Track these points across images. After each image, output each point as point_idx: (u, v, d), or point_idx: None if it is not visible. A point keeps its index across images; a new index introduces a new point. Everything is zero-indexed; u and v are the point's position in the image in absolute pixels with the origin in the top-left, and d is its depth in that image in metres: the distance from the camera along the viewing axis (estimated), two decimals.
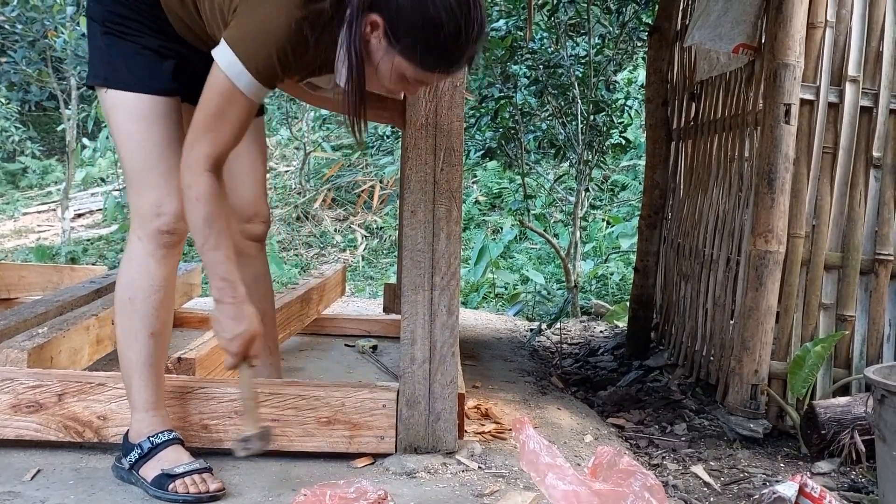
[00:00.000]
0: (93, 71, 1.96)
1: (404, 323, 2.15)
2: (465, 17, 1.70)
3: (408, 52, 1.72)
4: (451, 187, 2.12)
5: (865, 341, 2.94)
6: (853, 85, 2.89)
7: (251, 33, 1.75)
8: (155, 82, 1.93)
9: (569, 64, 5.85)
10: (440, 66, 1.75)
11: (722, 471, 2.58)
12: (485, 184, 9.61)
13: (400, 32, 1.70)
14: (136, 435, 1.95)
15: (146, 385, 1.96)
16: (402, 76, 1.78)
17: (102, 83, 1.92)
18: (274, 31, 1.73)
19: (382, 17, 1.70)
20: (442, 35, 1.69)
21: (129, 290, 1.95)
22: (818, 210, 2.92)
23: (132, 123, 1.91)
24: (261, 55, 1.74)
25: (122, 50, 1.92)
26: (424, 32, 1.69)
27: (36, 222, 10.72)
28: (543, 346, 4.58)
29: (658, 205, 4.21)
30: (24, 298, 3.56)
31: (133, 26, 1.92)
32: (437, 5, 1.67)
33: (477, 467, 2.13)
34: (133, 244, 1.95)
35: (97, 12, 1.93)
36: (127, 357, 1.96)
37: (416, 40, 1.70)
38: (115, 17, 1.91)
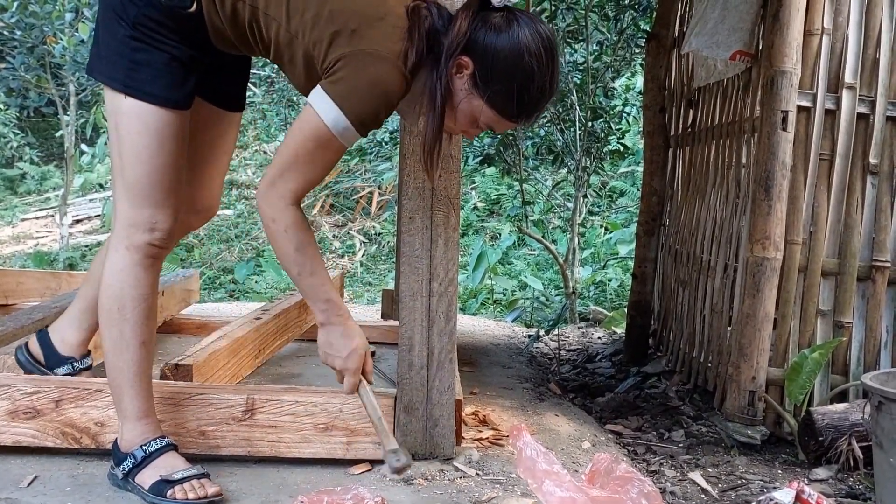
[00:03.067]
0: (107, 71, 1.86)
1: (402, 329, 2.16)
2: (552, 72, 1.76)
3: (493, 99, 1.77)
4: (449, 194, 2.12)
5: (863, 348, 2.94)
6: (850, 92, 2.90)
7: (361, 91, 1.75)
8: (177, 97, 1.87)
9: (567, 70, 5.87)
10: (520, 116, 1.81)
11: (720, 477, 2.58)
12: (483, 190, 9.62)
13: (490, 78, 1.75)
14: (128, 444, 1.94)
15: (137, 394, 1.95)
16: (476, 120, 1.83)
17: (121, 89, 1.84)
18: (383, 91, 1.76)
19: (473, 61, 1.75)
20: (532, 89, 1.76)
21: (118, 300, 1.91)
22: (815, 217, 2.93)
23: (144, 136, 1.85)
24: (368, 112, 1.77)
25: (149, 58, 1.84)
26: (515, 82, 1.75)
27: (34, 228, 10.71)
28: (541, 352, 4.58)
29: (656, 211, 4.21)
30: (22, 304, 3.56)
31: (164, 34, 1.83)
32: (532, 57, 1.73)
33: (474, 474, 2.13)
34: (119, 253, 1.91)
35: (129, 13, 1.81)
36: (117, 367, 1.94)
37: (505, 88, 1.75)
38: (149, 21, 1.82)
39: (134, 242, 1.91)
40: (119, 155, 1.89)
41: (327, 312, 1.91)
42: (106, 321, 1.94)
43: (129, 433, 1.94)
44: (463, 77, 1.78)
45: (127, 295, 1.92)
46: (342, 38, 1.75)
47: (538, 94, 1.79)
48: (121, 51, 1.84)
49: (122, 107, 1.85)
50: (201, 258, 8.82)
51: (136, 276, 1.92)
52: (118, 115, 1.86)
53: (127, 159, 1.88)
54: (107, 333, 1.94)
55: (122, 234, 1.91)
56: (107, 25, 1.86)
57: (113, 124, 1.89)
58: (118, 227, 1.92)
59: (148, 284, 1.94)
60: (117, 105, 1.86)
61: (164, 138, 1.87)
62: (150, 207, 1.90)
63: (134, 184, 1.88)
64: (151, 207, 1.90)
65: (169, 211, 1.93)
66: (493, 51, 1.74)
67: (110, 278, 1.92)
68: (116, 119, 1.87)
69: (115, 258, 1.92)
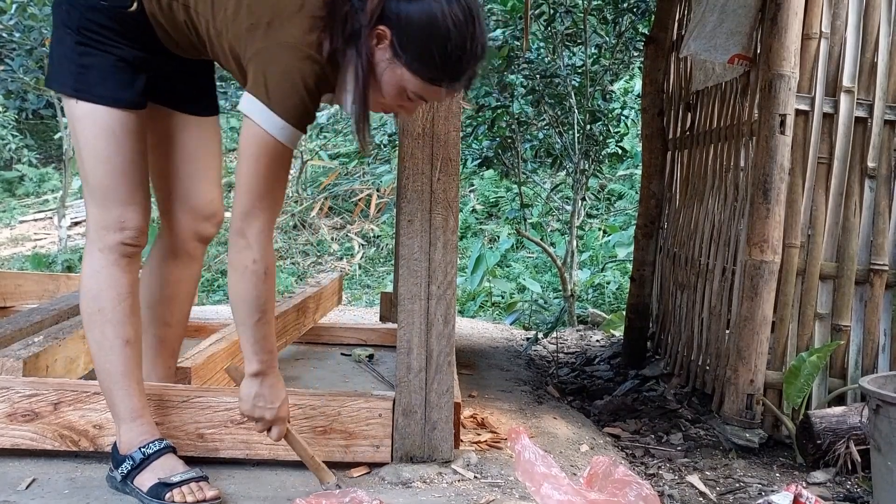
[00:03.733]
0: (59, 79, 1.90)
1: (401, 332, 2.16)
2: (471, 33, 1.73)
3: (413, 64, 1.74)
4: (448, 197, 2.12)
5: (861, 351, 2.94)
6: (848, 95, 2.91)
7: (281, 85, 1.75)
8: (127, 96, 1.89)
9: (565, 74, 5.88)
10: (443, 79, 1.77)
11: (718, 480, 2.58)
12: (482, 193, 9.63)
13: (407, 43, 1.72)
14: (127, 446, 1.94)
15: (129, 394, 1.95)
16: (403, 90, 1.79)
17: (72, 94, 1.87)
18: (300, 81, 1.75)
19: (390, 29, 1.72)
20: (448, 47, 1.71)
21: (97, 302, 1.92)
22: (813, 220, 2.93)
23: (100, 138, 1.88)
24: (295, 104, 1.76)
25: (95, 62, 1.87)
26: (431, 43, 1.71)
27: (32, 230, 10.71)
28: (540, 355, 4.58)
29: (654, 214, 4.22)
30: (20, 307, 3.56)
31: (110, 36, 1.86)
32: (446, 17, 1.69)
33: (473, 477, 2.13)
34: (93, 256, 1.92)
35: (72, 19, 1.85)
36: (105, 369, 1.94)
37: (423, 51, 1.72)
38: (93, 25, 1.85)
39: (106, 244, 1.92)
40: (81, 160, 1.92)
41: (268, 363, 1.92)
42: (88, 324, 1.94)
43: (127, 435, 1.94)
44: (383, 47, 1.75)
45: (105, 296, 1.92)
46: (258, 32, 1.76)
47: (458, 54, 1.73)
48: (70, 57, 1.87)
49: (76, 112, 1.88)
50: None
51: (113, 276, 1.93)
52: (74, 120, 1.89)
53: (88, 163, 1.90)
54: (90, 337, 1.94)
55: (94, 237, 1.93)
56: (57, 37, 1.90)
57: (72, 131, 1.92)
58: (90, 230, 1.94)
59: (125, 284, 1.94)
60: (72, 111, 1.89)
61: (120, 138, 1.89)
62: (117, 207, 1.91)
63: (98, 186, 1.91)
64: (118, 206, 1.91)
65: (136, 208, 1.94)
66: (407, 15, 1.71)
67: (88, 281, 1.93)
68: (73, 125, 1.90)
69: (90, 261, 1.93)
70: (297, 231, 9.65)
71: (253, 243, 1.80)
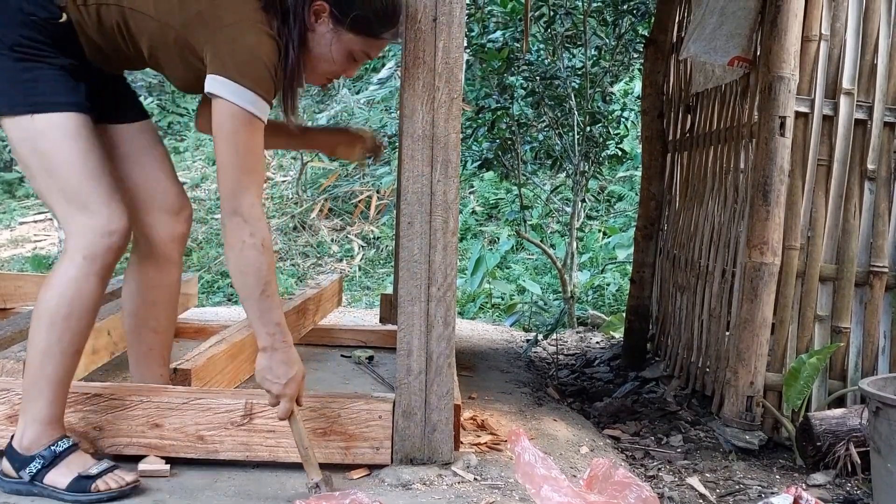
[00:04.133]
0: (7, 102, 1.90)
1: (401, 334, 2.16)
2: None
3: (357, 25, 1.97)
4: (448, 199, 2.13)
5: (860, 353, 2.94)
6: (848, 98, 2.91)
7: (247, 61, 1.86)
8: (80, 100, 1.93)
9: (565, 75, 5.88)
10: (385, 30, 2.02)
11: (717, 482, 2.58)
12: (481, 194, 9.63)
13: (347, 9, 1.95)
14: (33, 445, 1.92)
15: (55, 401, 1.94)
16: (350, 53, 2.01)
17: (27, 110, 1.87)
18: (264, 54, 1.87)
19: (326, 2, 1.94)
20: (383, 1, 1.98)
21: (65, 307, 1.90)
22: (813, 222, 2.93)
23: (69, 143, 1.89)
24: (262, 76, 1.86)
25: (41, 74, 1.90)
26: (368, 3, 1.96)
27: (32, 232, 10.70)
28: (540, 356, 4.58)
29: (654, 216, 4.22)
30: (20, 308, 3.56)
31: (45, 50, 1.90)
32: None
33: (473, 479, 2.13)
34: (73, 261, 1.91)
35: (6, 40, 1.87)
36: (44, 371, 1.92)
37: (363, 11, 1.96)
38: (27, 41, 1.88)
39: (92, 251, 1.90)
40: (48, 175, 1.90)
41: (275, 337, 1.93)
42: (47, 325, 1.91)
43: (34, 434, 1.92)
44: (323, 21, 1.95)
45: (77, 304, 1.91)
46: (208, 16, 1.88)
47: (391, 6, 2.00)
48: (13, 78, 1.88)
49: (34, 127, 1.88)
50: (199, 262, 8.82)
51: (90, 286, 1.92)
52: (33, 138, 1.88)
53: (61, 171, 1.89)
54: (42, 336, 1.91)
55: (79, 244, 1.91)
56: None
57: (28, 151, 1.90)
58: (75, 237, 1.91)
59: (98, 297, 1.96)
60: (27, 129, 1.88)
61: (87, 139, 1.91)
62: (103, 206, 1.91)
63: (77, 190, 1.90)
64: (104, 206, 1.91)
65: (121, 206, 1.95)
66: None
67: (62, 286, 1.91)
68: (32, 143, 1.89)
69: (70, 265, 1.91)
70: (296, 232, 9.65)
71: (247, 218, 1.85)
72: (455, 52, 2.09)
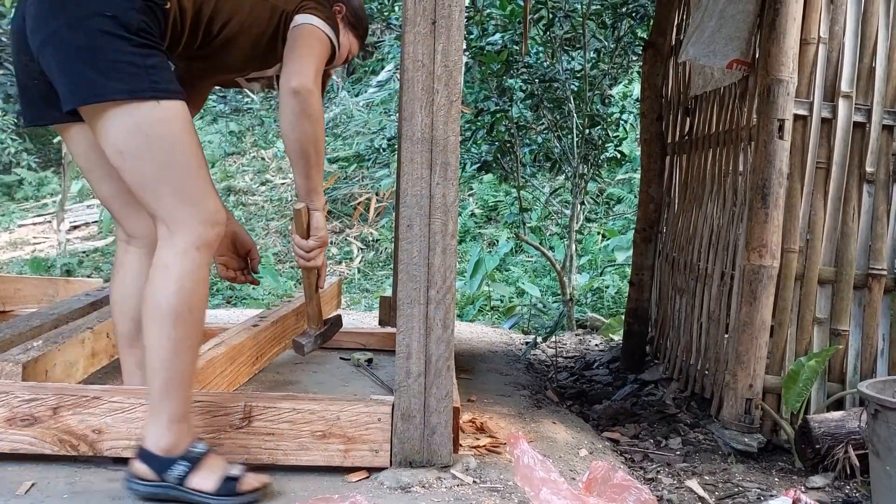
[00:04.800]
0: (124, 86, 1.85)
1: (400, 337, 2.16)
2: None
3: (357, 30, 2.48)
4: (447, 202, 2.13)
5: (859, 356, 2.95)
6: (846, 100, 2.91)
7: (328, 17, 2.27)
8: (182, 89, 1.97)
9: (564, 78, 5.88)
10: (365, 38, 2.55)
11: (716, 485, 2.58)
12: (481, 196, 9.64)
13: (352, 15, 2.45)
14: (175, 447, 1.89)
15: (188, 398, 1.95)
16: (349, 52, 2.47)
17: (150, 95, 1.86)
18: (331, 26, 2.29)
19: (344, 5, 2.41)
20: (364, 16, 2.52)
21: (188, 301, 1.89)
22: (812, 225, 2.93)
23: (186, 132, 1.92)
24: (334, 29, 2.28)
25: (158, 60, 1.92)
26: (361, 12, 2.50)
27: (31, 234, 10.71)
28: (539, 359, 4.58)
29: (653, 218, 4.22)
30: (20, 311, 3.56)
31: (156, 37, 1.93)
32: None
33: (472, 482, 2.13)
34: (189, 254, 1.89)
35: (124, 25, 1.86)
36: (177, 369, 1.90)
37: (361, 18, 2.49)
38: (146, 25, 1.89)
39: (205, 241, 1.92)
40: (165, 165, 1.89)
41: (321, 200, 2.32)
42: (174, 322, 1.88)
43: (175, 436, 1.90)
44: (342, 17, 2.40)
45: (197, 296, 1.91)
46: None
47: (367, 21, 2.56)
48: (135, 62, 1.87)
49: (157, 115, 1.87)
50: None
51: (204, 277, 1.94)
52: (152, 125, 1.87)
53: (180, 160, 1.90)
54: (172, 335, 1.88)
55: (192, 236, 1.90)
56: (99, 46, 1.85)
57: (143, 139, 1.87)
58: (185, 229, 1.90)
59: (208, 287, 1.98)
60: (148, 116, 1.87)
61: (193, 130, 1.97)
62: (210, 197, 1.95)
63: (192, 180, 1.92)
64: (211, 196, 1.95)
65: (219, 200, 1.99)
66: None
67: (182, 279, 1.88)
68: (152, 130, 1.87)
69: (187, 259, 1.89)
70: None
71: (306, 91, 2.12)
72: (454, 56, 2.09)
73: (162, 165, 1.89)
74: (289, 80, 2.11)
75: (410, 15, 2.08)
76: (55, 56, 1.88)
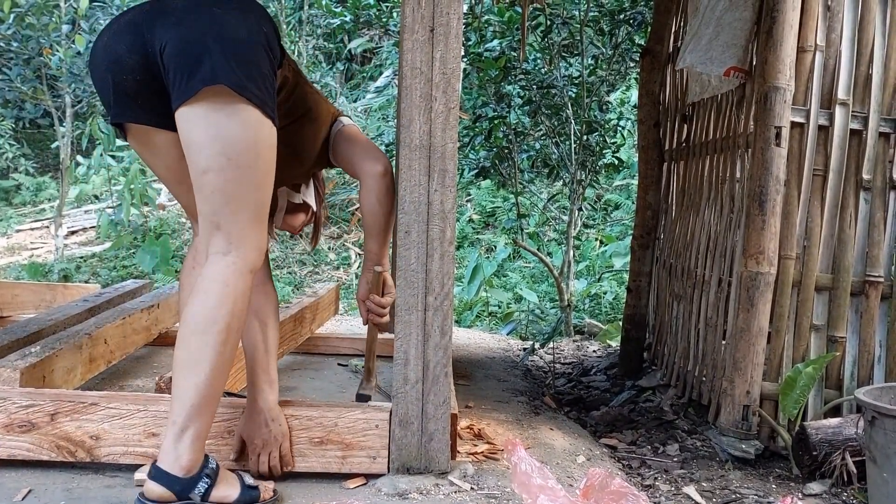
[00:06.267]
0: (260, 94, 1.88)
1: (397, 343, 2.16)
2: None
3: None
4: (445, 208, 2.13)
5: (856, 362, 2.95)
6: (843, 108, 2.92)
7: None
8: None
9: (562, 84, 5.90)
10: None
11: (714, 492, 2.58)
12: (479, 202, 9.64)
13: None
14: (194, 465, 1.84)
15: (214, 414, 1.93)
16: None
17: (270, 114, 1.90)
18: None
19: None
20: None
21: (238, 322, 1.88)
22: (809, 232, 2.94)
23: (273, 159, 1.93)
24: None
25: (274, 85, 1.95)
26: None
27: (29, 239, 10.69)
28: (536, 365, 4.59)
29: (650, 225, 4.23)
30: (17, 317, 3.56)
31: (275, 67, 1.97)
32: None
33: (469, 488, 2.13)
34: (245, 278, 1.89)
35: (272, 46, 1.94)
36: (215, 388, 1.85)
37: None
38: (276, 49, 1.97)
39: (256, 266, 1.93)
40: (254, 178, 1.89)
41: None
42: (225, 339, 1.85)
43: (195, 453, 1.84)
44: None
45: (243, 318, 1.91)
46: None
47: None
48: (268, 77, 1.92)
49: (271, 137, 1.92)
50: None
51: (247, 300, 1.93)
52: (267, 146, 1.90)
53: (266, 186, 1.93)
54: (221, 350, 1.84)
55: (249, 258, 1.90)
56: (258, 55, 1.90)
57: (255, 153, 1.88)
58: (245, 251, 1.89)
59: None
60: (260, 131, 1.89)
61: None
62: (264, 225, 1.95)
63: (258, 203, 1.92)
64: (264, 225, 1.95)
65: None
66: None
67: (238, 300, 1.87)
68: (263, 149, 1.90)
69: (241, 281, 1.88)
70: (293, 241, 9.64)
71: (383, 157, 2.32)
72: (452, 63, 2.10)
73: (255, 186, 1.89)
74: (375, 165, 2.29)
75: (409, 22, 2.09)
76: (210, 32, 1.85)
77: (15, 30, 8.01)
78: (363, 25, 8.81)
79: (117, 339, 2.98)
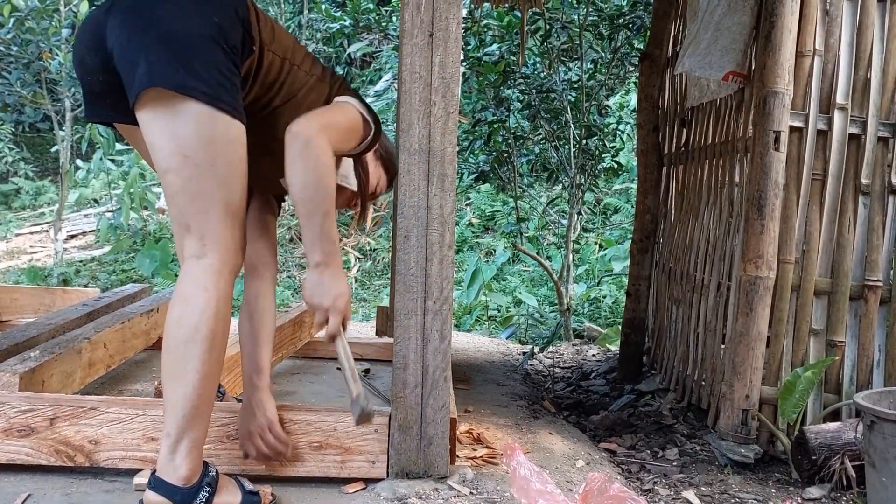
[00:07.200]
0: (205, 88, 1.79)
1: (397, 347, 2.16)
2: None
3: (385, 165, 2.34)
4: (444, 213, 2.13)
5: (855, 367, 2.95)
6: (842, 112, 2.93)
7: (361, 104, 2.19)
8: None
9: (561, 88, 5.90)
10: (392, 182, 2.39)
11: (713, 496, 2.58)
12: (478, 206, 9.65)
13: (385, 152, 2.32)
14: (194, 474, 1.82)
15: (209, 421, 1.90)
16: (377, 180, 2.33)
17: (229, 111, 1.82)
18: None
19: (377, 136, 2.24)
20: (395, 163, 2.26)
21: (222, 325, 1.84)
22: (808, 236, 2.94)
23: (238, 153, 1.85)
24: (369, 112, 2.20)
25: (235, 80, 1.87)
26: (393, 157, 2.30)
27: (28, 243, 10.70)
28: (536, 369, 4.59)
29: (649, 229, 4.23)
30: (16, 321, 3.56)
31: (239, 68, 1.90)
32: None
33: (468, 493, 2.13)
34: (224, 278, 1.84)
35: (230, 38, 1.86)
36: (206, 395, 1.82)
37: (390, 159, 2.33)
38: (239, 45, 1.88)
39: (230, 268, 1.86)
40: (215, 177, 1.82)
41: (332, 254, 1.96)
42: (210, 346, 1.81)
43: (193, 463, 1.82)
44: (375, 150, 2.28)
45: (227, 321, 1.87)
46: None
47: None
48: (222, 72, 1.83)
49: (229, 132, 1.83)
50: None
51: (228, 303, 1.87)
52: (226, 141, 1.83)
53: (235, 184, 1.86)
54: (206, 358, 1.81)
55: (220, 261, 1.84)
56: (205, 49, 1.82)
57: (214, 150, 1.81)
58: (220, 252, 1.84)
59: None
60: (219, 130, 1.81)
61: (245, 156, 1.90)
62: (241, 227, 1.90)
63: (232, 204, 1.86)
64: (241, 227, 1.90)
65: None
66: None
67: (218, 302, 1.83)
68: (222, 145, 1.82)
69: (221, 282, 1.84)
70: (293, 244, 9.65)
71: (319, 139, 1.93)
72: (451, 68, 2.10)
73: (220, 183, 1.83)
74: (295, 123, 1.95)
75: (408, 27, 2.09)
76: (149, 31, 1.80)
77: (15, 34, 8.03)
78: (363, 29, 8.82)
79: (116, 344, 2.97)
